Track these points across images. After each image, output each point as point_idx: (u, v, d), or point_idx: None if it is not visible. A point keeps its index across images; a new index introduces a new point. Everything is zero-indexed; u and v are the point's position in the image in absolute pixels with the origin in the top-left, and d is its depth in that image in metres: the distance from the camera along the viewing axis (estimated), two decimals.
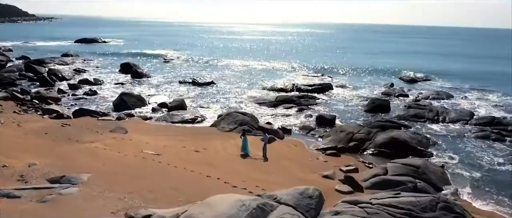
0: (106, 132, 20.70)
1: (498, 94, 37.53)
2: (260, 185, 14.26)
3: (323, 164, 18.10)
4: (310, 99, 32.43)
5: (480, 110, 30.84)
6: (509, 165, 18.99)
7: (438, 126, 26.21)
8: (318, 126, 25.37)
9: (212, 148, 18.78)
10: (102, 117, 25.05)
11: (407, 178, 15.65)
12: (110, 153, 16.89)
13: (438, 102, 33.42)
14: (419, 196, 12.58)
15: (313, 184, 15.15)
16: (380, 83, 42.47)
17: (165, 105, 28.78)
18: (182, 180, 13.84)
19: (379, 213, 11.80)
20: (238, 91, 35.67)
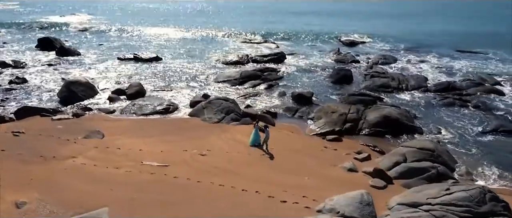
0: (78, 139, 17.44)
1: (434, 55, 40.58)
2: (298, 192, 13.29)
3: (334, 154, 17.69)
4: (272, 73, 31.46)
5: (429, 74, 32.95)
6: (490, 136, 20.62)
7: (405, 95, 27.44)
8: (297, 104, 24.71)
9: (216, 148, 17.01)
10: (56, 115, 21.12)
11: (428, 164, 15.98)
12: (106, 171, 14.23)
13: (390, 68, 34.97)
14: (467, 188, 12.79)
15: (345, 182, 14.78)
16: (325, 49, 43.00)
17: (121, 92, 25.42)
18: (223, 201, 12.21)
19: (446, 215, 11.75)
20: (191, 68, 33.03)
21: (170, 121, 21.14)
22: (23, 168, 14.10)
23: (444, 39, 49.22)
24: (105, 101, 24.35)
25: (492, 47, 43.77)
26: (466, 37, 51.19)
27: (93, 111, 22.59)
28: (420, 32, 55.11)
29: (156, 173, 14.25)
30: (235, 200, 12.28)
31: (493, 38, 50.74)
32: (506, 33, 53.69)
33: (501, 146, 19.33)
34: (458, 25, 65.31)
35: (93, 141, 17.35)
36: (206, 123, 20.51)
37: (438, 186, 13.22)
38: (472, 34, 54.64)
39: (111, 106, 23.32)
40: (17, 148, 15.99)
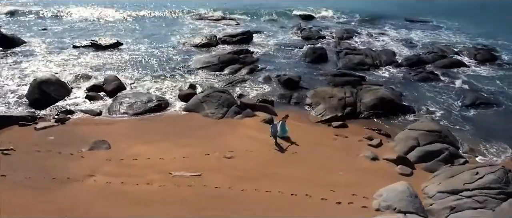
0: (84, 152, 16.01)
1: (390, 26, 42.66)
2: (344, 190, 13.63)
3: (348, 142, 18.27)
4: (248, 55, 31.01)
5: (393, 48, 34.72)
6: (472, 110, 22.61)
7: (383, 72, 28.82)
8: (286, 89, 24.82)
9: (237, 149, 16.61)
10: (37, 123, 19.05)
11: (440, 145, 17.19)
12: (139, 190, 13.34)
13: (355, 42, 36.16)
14: (493, 170, 14.03)
15: (376, 172, 15.44)
16: (286, 25, 43.03)
17: (99, 88, 23.50)
18: (285, 209, 12.18)
19: (487, 199, 12.88)
20: (159, 54, 31.23)
21: (171, 119, 20.10)
22: (41, 197, 12.67)
23: (392, 8, 51.65)
24: (84, 100, 22.37)
25: (435, 16, 46.96)
26: (411, 6, 54.19)
27: (75, 113, 20.65)
28: (369, 2, 57.14)
29: (194, 184, 13.67)
30: (294, 206, 12.28)
31: (434, 6, 54.34)
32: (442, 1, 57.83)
33: (485, 119, 21.33)
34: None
35: (101, 152, 16.03)
36: (210, 119, 19.87)
37: (467, 171, 14.32)
38: (415, 2, 57.94)
39: (94, 107, 21.53)
40: (18, 170, 14.29)
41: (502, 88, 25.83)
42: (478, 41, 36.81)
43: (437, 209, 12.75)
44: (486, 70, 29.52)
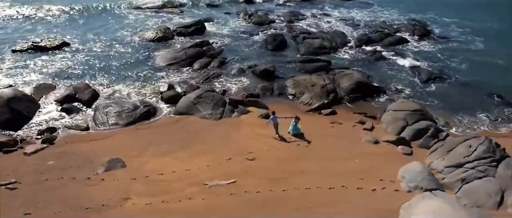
0: (101, 174, 15.43)
1: (329, 6, 45.06)
2: (370, 177, 15.14)
3: (346, 128, 19.92)
4: (210, 47, 30.97)
5: (341, 29, 37.02)
6: (432, 84, 25.65)
7: (342, 54, 30.95)
8: (263, 80, 25.61)
9: (254, 149, 17.24)
10: (23, 147, 17.61)
11: (425, 123, 19.55)
12: (180, 206, 13.50)
13: (305, 25, 37.84)
14: (480, 142, 16.60)
15: (384, 155, 17.29)
16: (231, 10, 42.98)
17: (72, 98, 22.08)
18: (332, 205, 13.31)
19: (487, 168, 15.38)
20: (115, 52, 29.65)
21: (169, 125, 19.81)
22: None
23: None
24: (60, 114, 20.85)
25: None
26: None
27: (59, 130, 19.33)
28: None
29: (234, 192, 14.18)
30: (340, 199, 13.48)
31: None
32: None
33: (445, 93, 24.46)
34: None
35: (120, 172, 15.59)
36: (209, 120, 20.04)
37: (460, 145, 16.73)
38: None
39: (77, 121, 20.27)
40: (39, 205, 13.46)
41: (445, 62, 29.44)
42: (410, 17, 40.78)
43: (450, 182, 14.93)
44: (426, 45, 33.16)
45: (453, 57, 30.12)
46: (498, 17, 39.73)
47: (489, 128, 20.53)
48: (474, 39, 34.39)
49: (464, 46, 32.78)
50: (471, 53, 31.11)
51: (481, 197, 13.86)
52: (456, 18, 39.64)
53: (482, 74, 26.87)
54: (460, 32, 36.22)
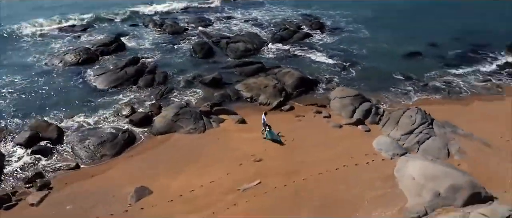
0: (136, 204, 16.26)
1: (230, 9, 48.27)
2: (355, 154, 19.34)
3: (310, 119, 23.73)
4: (144, 62, 31.47)
5: (251, 30, 40.74)
6: (351, 69, 31.20)
7: (267, 54, 34.69)
8: (215, 89, 27.62)
9: (256, 152, 19.61)
10: (24, 198, 16.95)
11: (368, 104, 24.55)
12: (233, 212, 15.68)
13: (219, 30, 40.41)
14: (415, 112, 22.24)
15: (352, 136, 21.67)
16: (138, 22, 42.57)
17: (37, 139, 21.09)
18: (343, 181, 17.03)
19: (428, 132, 20.95)
20: (44, 83, 27.89)
21: (159, 146, 20.67)
22: None
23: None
24: (35, 157, 19.86)
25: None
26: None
27: (46, 175, 18.72)
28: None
29: (266, 190, 16.75)
30: (348, 176, 17.19)
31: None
32: None
33: (363, 76, 30.12)
34: None
35: (151, 198, 16.59)
36: (194, 135, 21.60)
37: (402, 116, 22.08)
38: None
39: (60, 161, 19.70)
40: None
41: (348, 50, 35.52)
42: (301, 12, 46.68)
43: (409, 145, 20.05)
44: (326, 37, 39.05)
45: (352, 45, 36.48)
46: (366, 6, 48.27)
47: (404, 100, 26.66)
48: (359, 27, 41.69)
49: (355, 35, 39.68)
50: (363, 40, 37.99)
51: (435, 152, 19.20)
52: (338, 11, 46.91)
53: (379, 57, 33.56)
54: (346, 22, 43.29)
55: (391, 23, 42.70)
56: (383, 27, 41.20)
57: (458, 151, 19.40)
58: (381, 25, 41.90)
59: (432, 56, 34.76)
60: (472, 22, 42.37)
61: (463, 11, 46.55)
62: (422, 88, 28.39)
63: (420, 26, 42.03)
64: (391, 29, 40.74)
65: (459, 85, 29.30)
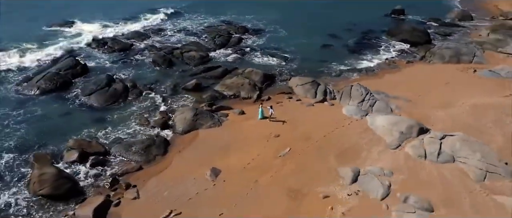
0: (220, 177, 22.18)
1: (163, 20, 52.71)
2: (341, 121, 28.28)
3: (288, 104, 31.71)
4: (120, 80, 35.17)
5: (191, 39, 46.53)
6: (290, 61, 40.08)
7: (219, 58, 41.29)
8: (201, 92, 33.54)
9: (270, 131, 26.90)
10: (125, 195, 21.43)
11: (322, 87, 33.74)
12: (292, 166, 22.95)
13: (160, 43, 45.15)
14: (357, 87, 32.22)
15: (323, 110, 30.47)
16: (77, 42, 44.30)
17: (86, 154, 24.68)
18: (349, 136, 25.72)
19: (371, 97, 31.03)
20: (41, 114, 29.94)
21: (194, 141, 25.83)
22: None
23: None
24: (96, 170, 23.58)
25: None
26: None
27: (119, 179, 22.85)
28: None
29: (299, 153, 24.31)
30: (347, 133, 25.85)
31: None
32: None
33: (303, 66, 39.17)
34: None
35: (224, 173, 22.59)
36: (215, 129, 27.57)
37: (353, 91, 31.74)
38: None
39: (121, 167, 23.83)
40: (229, 206, 20.07)
41: (279, 48, 44.17)
42: (221, 19, 53.69)
43: (365, 108, 29.61)
44: (256, 39, 46.97)
45: (280, 44, 45.25)
46: (273, 9, 57.95)
47: (342, 80, 36.53)
48: (276, 28, 50.84)
49: (277, 35, 48.67)
50: (286, 39, 47.10)
51: (383, 110, 29.08)
52: (252, 15, 55.41)
53: (305, 50, 42.89)
54: (264, 25, 52.02)
55: (298, 22, 53.14)
56: (295, 26, 51.16)
57: (396, 107, 29.63)
58: (292, 24, 51.80)
59: (340, 46, 45.60)
60: (353, 15, 55.39)
61: (344, 7, 59.78)
62: (348, 71, 38.61)
63: (320, 22, 53.05)
64: (301, 27, 51.06)
65: (368, 65, 40.40)
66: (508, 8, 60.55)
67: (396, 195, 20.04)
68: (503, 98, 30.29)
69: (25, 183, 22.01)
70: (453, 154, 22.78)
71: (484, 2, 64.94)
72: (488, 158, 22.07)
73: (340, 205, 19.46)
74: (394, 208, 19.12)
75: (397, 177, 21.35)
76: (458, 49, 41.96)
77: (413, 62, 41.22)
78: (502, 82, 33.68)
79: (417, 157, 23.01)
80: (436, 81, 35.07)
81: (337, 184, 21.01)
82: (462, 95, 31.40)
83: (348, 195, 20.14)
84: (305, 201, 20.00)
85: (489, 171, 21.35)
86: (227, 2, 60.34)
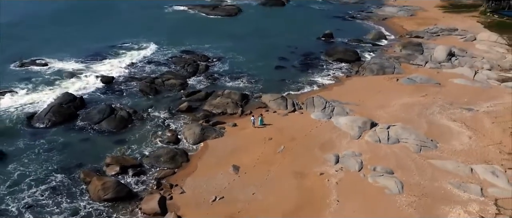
0: (241, 171, 29.85)
1: (122, 54, 58.28)
2: (312, 123, 37.65)
3: (268, 115, 40.33)
4: (119, 108, 41.08)
5: (163, 69, 53.23)
6: (255, 81, 48.93)
7: (196, 84, 48.69)
8: (194, 112, 40.87)
9: (263, 135, 35.28)
10: (174, 191, 28.10)
11: (290, 100, 43.00)
12: (289, 158, 31.45)
13: (134, 73, 51.29)
14: (318, 98, 42.05)
15: (299, 117, 39.68)
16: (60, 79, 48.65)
17: (125, 167, 30.76)
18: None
19: (330, 106, 40.91)
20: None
21: (207, 149, 33.12)
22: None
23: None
24: (139, 177, 29.78)
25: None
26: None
27: (162, 181, 29.36)
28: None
29: (292, 148, 32.91)
30: (320, 132, 35.08)
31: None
32: None
33: (267, 85, 48.19)
34: None
35: (243, 168, 30.31)
36: (221, 138, 35.01)
37: (315, 101, 41.39)
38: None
39: (161, 172, 30.24)
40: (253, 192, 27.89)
41: (243, 72, 52.75)
42: (182, 49, 60.85)
43: (327, 113, 39.30)
44: (220, 65, 55.05)
45: (242, 67, 53.78)
46: (223, 38, 66.63)
47: (301, 93, 46.02)
48: (234, 55, 58.99)
49: (236, 60, 56.82)
50: (245, 63, 55.29)
51: (341, 113, 38.85)
52: (207, 44, 63.37)
53: (264, 71, 51.82)
54: (223, 52, 59.84)
55: (249, 48, 61.81)
56: (248, 52, 59.84)
57: (349, 110, 39.62)
58: (245, 51, 60.48)
59: (290, 67, 55.33)
60: (291, 40, 66.32)
61: (282, 34, 70.65)
62: (304, 86, 48.32)
63: (267, 48, 61.69)
64: (253, 52, 59.76)
65: (317, 81, 50.58)
66: (411, 28, 76.05)
67: (367, 167, 29.33)
68: (421, 98, 41.92)
69: (84, 193, 27.28)
70: (397, 137, 32.93)
71: (393, 24, 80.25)
72: (420, 137, 32.56)
73: (333, 178, 28.18)
74: (369, 175, 28.33)
75: (365, 156, 30.75)
76: (382, 64, 54.01)
77: (351, 76, 52.24)
78: (418, 87, 45.68)
79: (374, 142, 32.76)
80: (371, 89, 46.04)
81: (326, 165, 29.78)
82: (392, 98, 42.47)
83: (336, 171, 28.96)
84: (308, 178, 28.41)
85: (422, 146, 31.68)
86: (182, 34, 67.80)
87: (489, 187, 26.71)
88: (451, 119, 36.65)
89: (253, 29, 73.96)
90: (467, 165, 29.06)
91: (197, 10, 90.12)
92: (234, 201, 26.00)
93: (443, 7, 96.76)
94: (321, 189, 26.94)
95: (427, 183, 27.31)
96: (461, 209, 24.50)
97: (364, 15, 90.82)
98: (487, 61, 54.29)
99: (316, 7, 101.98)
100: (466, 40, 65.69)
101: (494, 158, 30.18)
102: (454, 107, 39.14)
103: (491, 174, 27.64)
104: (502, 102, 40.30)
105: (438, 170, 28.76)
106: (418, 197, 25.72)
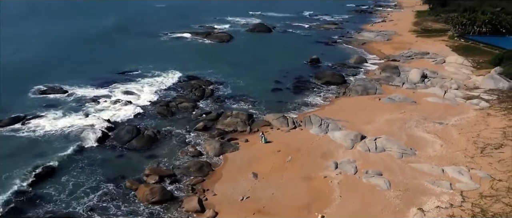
0: (260, 177, 36.80)
1: (120, 85, 64.75)
2: (309, 137, 45.01)
3: (273, 132, 47.47)
4: (138, 128, 47.54)
5: (173, 93, 59.98)
6: (259, 100, 56.21)
7: (204, 107, 55.58)
8: (211, 131, 47.71)
9: (274, 149, 42.35)
10: (207, 194, 34.78)
11: (291, 119, 50.39)
12: (295, 171, 38.60)
13: (151, 94, 57.84)
14: (315, 117, 49.55)
15: (299, 133, 47.02)
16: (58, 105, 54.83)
17: (161, 176, 37.31)
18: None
19: (327, 124, 48.46)
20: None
21: (230, 159, 40.09)
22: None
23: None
24: (174, 184, 36.27)
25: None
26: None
27: (194, 186, 35.93)
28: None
29: (298, 158, 40.10)
30: (320, 144, 42.42)
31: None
32: None
33: (262, 107, 55.53)
34: None
35: (260, 176, 37.27)
36: (237, 151, 41.85)
37: (312, 118, 48.91)
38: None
39: (193, 180, 36.80)
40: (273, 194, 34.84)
41: (244, 95, 59.95)
42: (187, 74, 67.75)
43: (324, 128, 46.72)
44: (224, 89, 62.20)
45: (243, 90, 61.00)
46: (222, 63, 73.90)
47: (300, 113, 53.43)
48: (234, 79, 66.10)
49: (237, 84, 63.88)
50: (245, 86, 62.62)
51: (335, 129, 46.35)
52: (208, 70, 70.50)
53: (264, 95, 59.22)
54: (224, 77, 67.08)
55: (247, 73, 69.64)
56: (246, 77, 67.43)
57: (342, 126, 47.15)
58: (244, 75, 68.08)
59: (285, 89, 63.08)
60: (282, 65, 74.15)
61: (273, 60, 78.55)
62: (300, 106, 55.81)
63: (262, 72, 70.27)
64: (251, 77, 67.42)
65: (311, 102, 58.21)
66: (388, 52, 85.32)
67: (361, 170, 36.62)
68: (400, 114, 49.94)
69: (134, 197, 33.44)
70: (383, 147, 40.49)
71: (372, 48, 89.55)
72: (401, 146, 40.21)
73: (334, 180, 35.29)
74: (363, 176, 35.61)
75: (358, 162, 38.08)
76: (365, 85, 62.20)
77: (339, 96, 60.13)
78: (398, 105, 53.83)
79: (365, 151, 40.21)
80: (358, 108, 53.87)
81: (328, 170, 36.93)
82: (377, 115, 50.32)
83: (336, 174, 36.10)
84: (314, 180, 35.42)
85: (403, 153, 39.28)
86: (184, 60, 74.85)
87: (456, 182, 34.22)
88: (426, 131, 44.53)
89: (247, 55, 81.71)
90: (439, 167, 36.64)
91: (193, 37, 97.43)
92: (258, 199, 32.62)
93: (415, 31, 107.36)
94: (326, 188, 33.91)
95: (409, 181, 34.68)
96: (435, 199, 31.82)
97: (345, 40, 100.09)
98: (454, 82, 63.15)
99: (301, 33, 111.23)
100: (437, 63, 74.92)
101: (460, 161, 37.91)
102: (428, 122, 47.15)
103: (458, 173, 35.22)
104: (467, 116, 48.66)
105: (417, 171, 36.21)
106: (402, 191, 33.00)
